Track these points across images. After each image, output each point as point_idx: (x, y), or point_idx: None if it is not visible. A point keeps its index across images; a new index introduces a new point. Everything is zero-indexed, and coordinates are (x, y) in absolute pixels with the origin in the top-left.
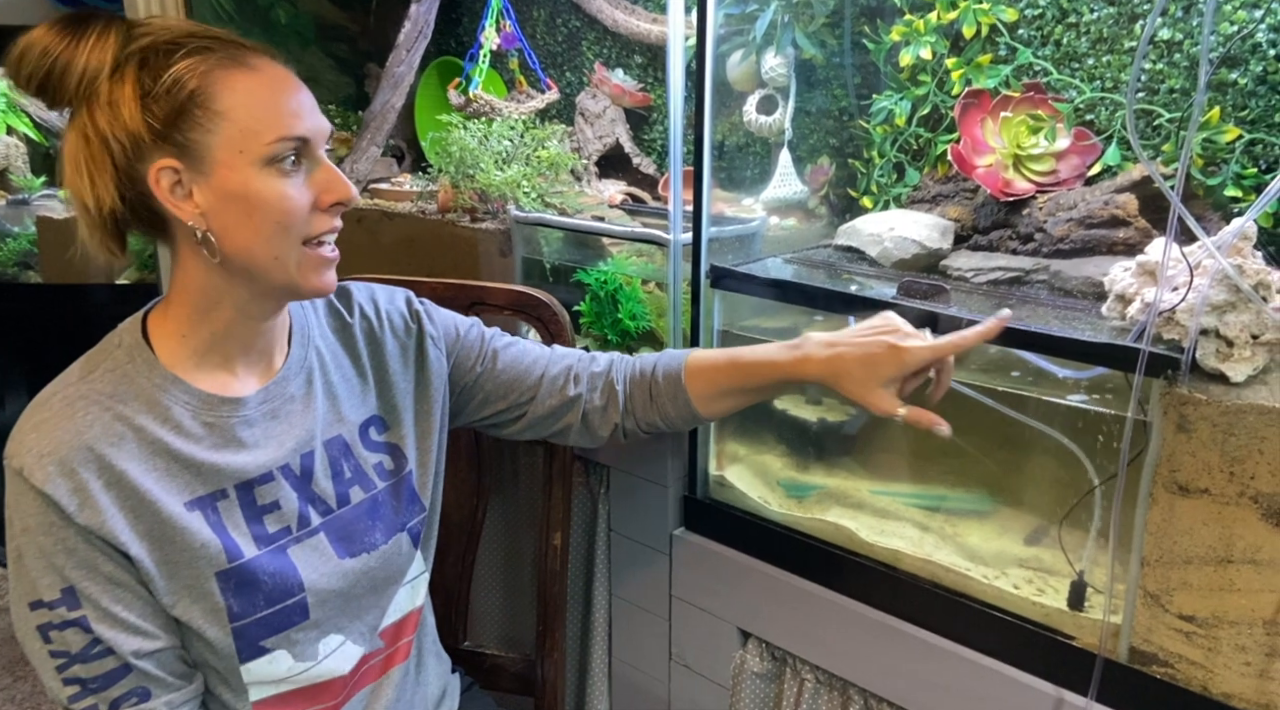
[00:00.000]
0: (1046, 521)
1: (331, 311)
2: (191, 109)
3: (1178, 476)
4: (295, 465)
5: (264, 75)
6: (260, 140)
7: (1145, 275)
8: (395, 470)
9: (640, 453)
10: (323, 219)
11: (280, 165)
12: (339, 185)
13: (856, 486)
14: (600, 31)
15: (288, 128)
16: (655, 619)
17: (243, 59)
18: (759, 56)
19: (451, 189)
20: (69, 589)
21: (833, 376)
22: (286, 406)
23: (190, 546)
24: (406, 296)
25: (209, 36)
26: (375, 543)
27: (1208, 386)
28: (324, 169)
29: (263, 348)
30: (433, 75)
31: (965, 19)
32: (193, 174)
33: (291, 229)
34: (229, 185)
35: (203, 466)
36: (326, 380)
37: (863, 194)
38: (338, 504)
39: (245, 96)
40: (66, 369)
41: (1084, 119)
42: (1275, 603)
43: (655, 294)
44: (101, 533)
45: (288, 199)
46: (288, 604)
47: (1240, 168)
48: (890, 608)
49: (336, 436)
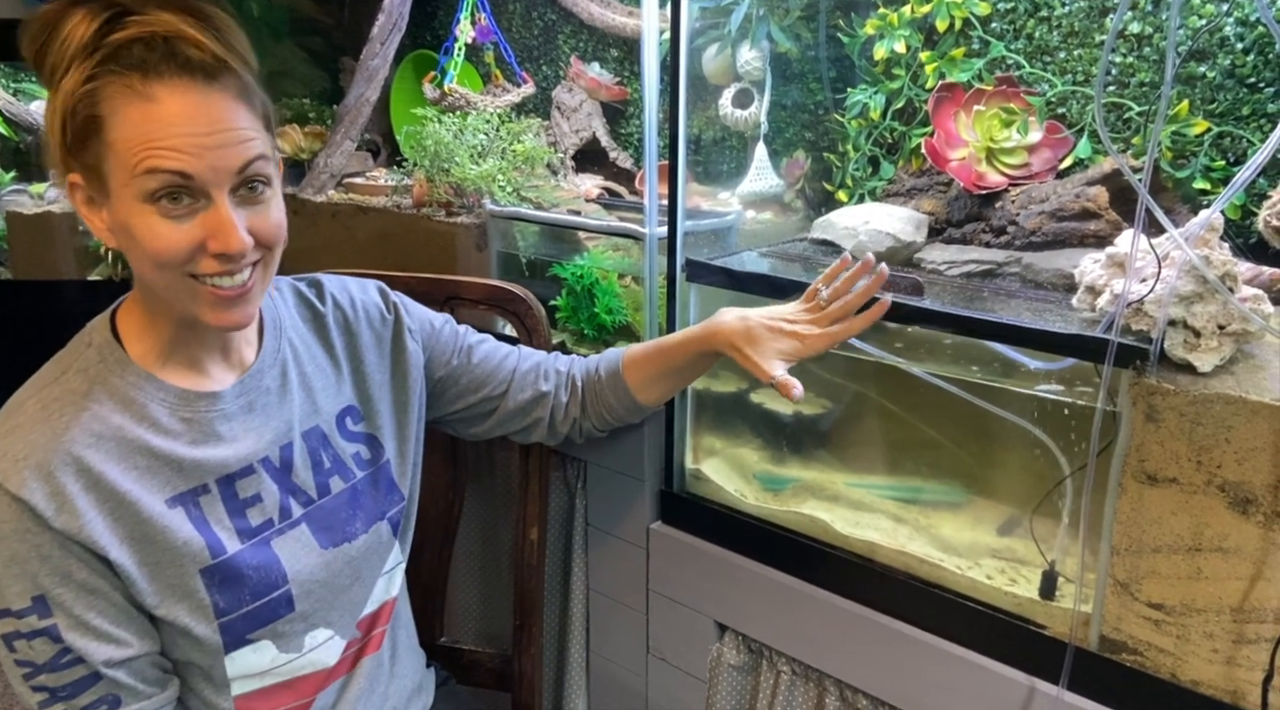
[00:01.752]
0: (1019, 512)
1: (302, 302)
2: (90, 134)
3: (1146, 466)
4: (275, 457)
5: (160, 108)
6: (134, 174)
7: (1114, 267)
8: (373, 460)
9: (617, 447)
10: (208, 262)
11: (160, 203)
12: (222, 235)
13: (832, 479)
14: (576, 25)
15: (160, 163)
16: (632, 613)
17: (147, 87)
18: (734, 50)
19: (426, 183)
20: (40, 597)
21: (744, 339)
22: (263, 399)
23: (173, 545)
24: (380, 288)
25: (150, 46)
26: (356, 532)
27: (1175, 376)
28: (214, 212)
29: (226, 345)
30: (408, 69)
31: (938, 13)
32: (97, 195)
33: (167, 267)
34: (119, 214)
35: (183, 462)
36: (301, 371)
37: (838, 188)
38: (318, 494)
39: (131, 129)
40: (37, 373)
41: (1056, 112)
42: (1242, 590)
43: (632, 288)
44: (79, 537)
45: (160, 238)
46: (273, 597)
47: (1209, 160)
48: (865, 599)
49: (314, 427)
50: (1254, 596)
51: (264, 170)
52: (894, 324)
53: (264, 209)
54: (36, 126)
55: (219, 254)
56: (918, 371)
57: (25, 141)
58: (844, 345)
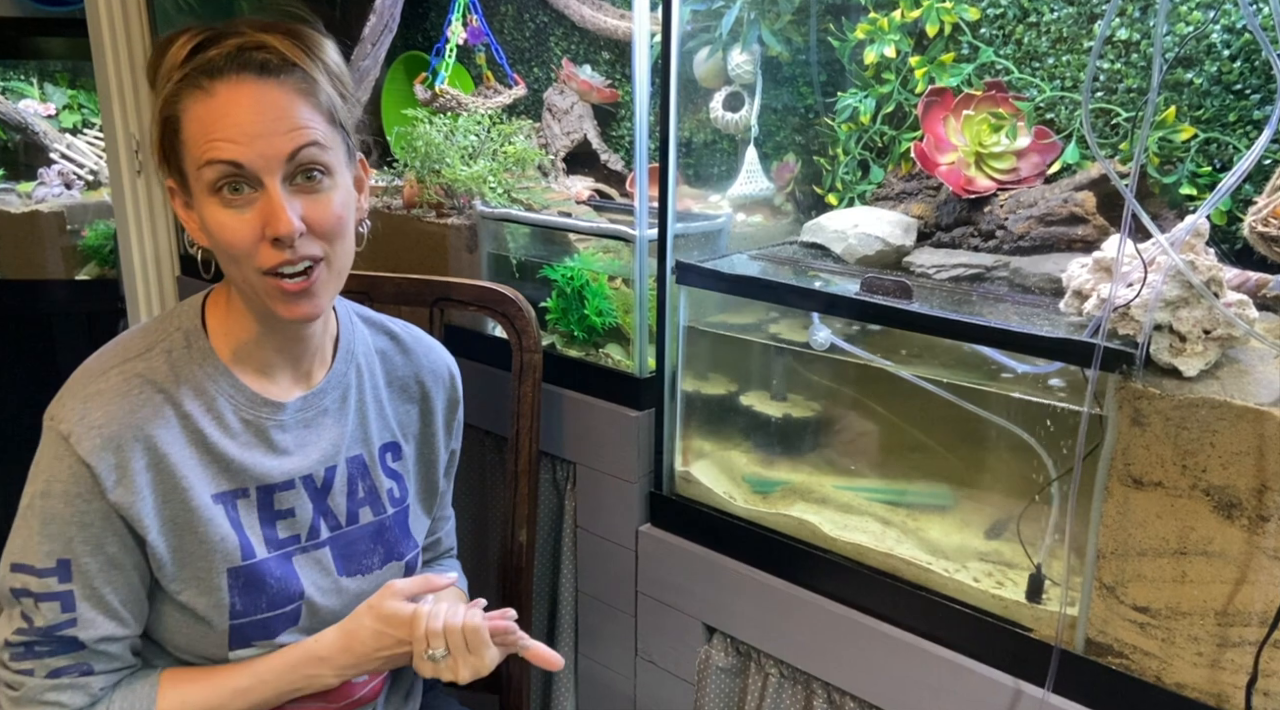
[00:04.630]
0: (1006, 515)
1: (380, 331)
2: (171, 136)
3: (1132, 470)
4: (318, 477)
5: (216, 100)
6: (199, 167)
7: (1101, 271)
8: (400, 499)
9: (606, 449)
10: (267, 252)
11: (221, 194)
12: (273, 219)
13: (820, 482)
14: (568, 27)
15: (215, 154)
16: (621, 615)
17: (210, 85)
18: (725, 53)
19: (417, 184)
20: (65, 562)
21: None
22: (320, 418)
23: (210, 539)
24: (453, 364)
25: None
26: (373, 566)
27: (1161, 381)
28: (265, 199)
29: (299, 356)
30: (399, 70)
31: (928, 17)
32: (187, 197)
33: (239, 260)
34: (201, 211)
35: (231, 463)
36: (360, 398)
37: (828, 191)
38: (347, 522)
39: (196, 126)
40: (121, 339)
41: (1044, 117)
42: (1227, 594)
43: (622, 290)
44: (128, 513)
45: (226, 229)
46: (286, 610)
47: (1195, 166)
48: (853, 602)
49: (358, 455)
50: (1238, 600)
51: (319, 158)
52: (882, 327)
53: (322, 199)
54: (25, 125)
55: (273, 238)
56: (906, 375)
57: (14, 140)
58: (832, 348)
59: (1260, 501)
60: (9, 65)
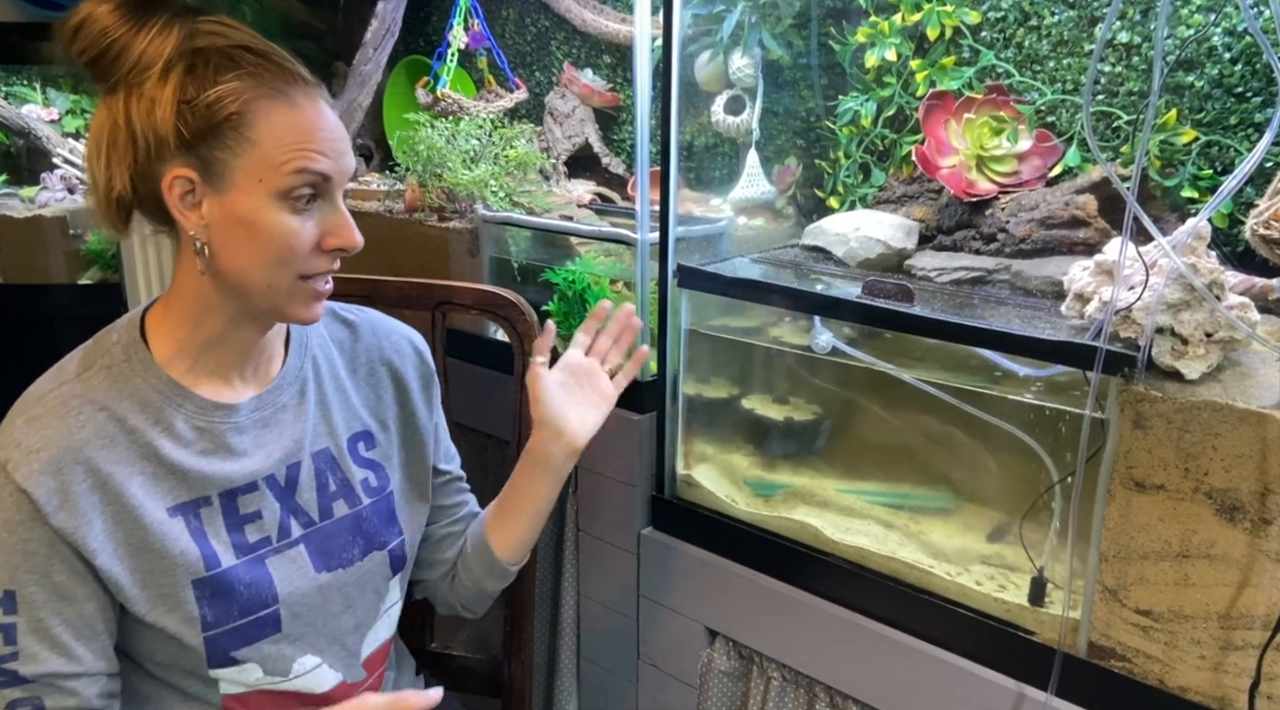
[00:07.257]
0: (1008, 518)
1: (336, 320)
2: (225, 130)
3: (1134, 473)
4: (280, 475)
5: (303, 113)
6: (281, 172)
7: (1103, 274)
8: (379, 488)
9: (608, 452)
10: (322, 260)
11: (294, 201)
12: (345, 232)
13: (822, 485)
14: (569, 31)
15: (310, 164)
16: (623, 619)
17: (288, 92)
18: (726, 57)
19: (419, 188)
20: (10, 593)
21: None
22: (278, 415)
23: (169, 553)
24: (419, 339)
25: (263, 56)
26: (353, 558)
27: (1163, 384)
28: (336, 213)
29: (258, 356)
30: (401, 74)
31: (929, 21)
32: (207, 188)
33: (290, 263)
34: (240, 208)
35: (189, 473)
36: (320, 391)
37: (829, 194)
38: (320, 517)
39: (280, 130)
40: (59, 364)
41: (1045, 121)
42: (1229, 597)
43: (623, 294)
44: (72, 537)
45: (292, 235)
46: (261, 615)
47: (1196, 169)
48: (855, 605)
49: (324, 449)
50: (1241, 603)
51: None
52: (885, 330)
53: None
54: (28, 130)
55: (337, 249)
56: (908, 378)
57: (17, 145)
58: (834, 351)
59: (1263, 504)
60: (12, 70)
